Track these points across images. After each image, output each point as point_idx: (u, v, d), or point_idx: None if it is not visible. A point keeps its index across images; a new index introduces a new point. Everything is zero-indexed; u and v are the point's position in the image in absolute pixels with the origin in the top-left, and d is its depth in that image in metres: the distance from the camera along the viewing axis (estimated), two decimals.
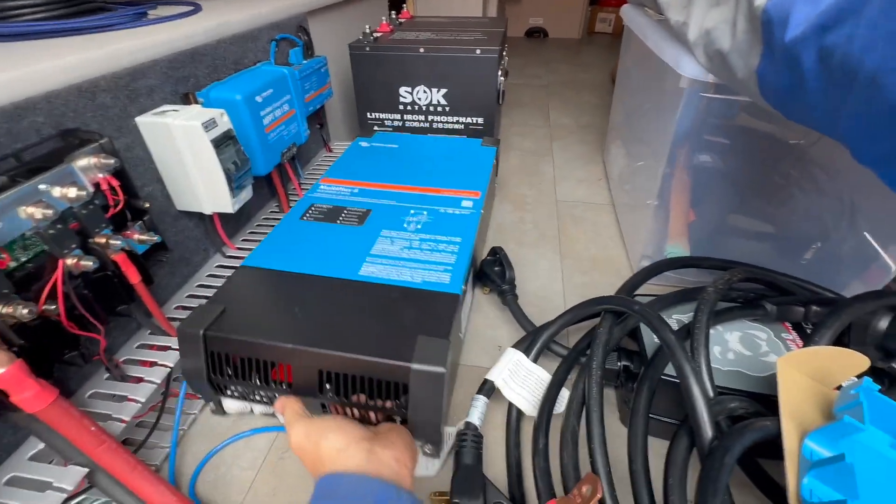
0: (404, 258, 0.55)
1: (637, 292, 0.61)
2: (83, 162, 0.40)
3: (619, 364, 0.50)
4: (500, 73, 0.90)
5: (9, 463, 0.39)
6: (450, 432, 0.50)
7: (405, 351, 0.41)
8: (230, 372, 0.45)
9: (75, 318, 0.40)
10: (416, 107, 0.95)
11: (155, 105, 0.52)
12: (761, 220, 0.73)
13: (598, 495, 0.33)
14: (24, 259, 0.37)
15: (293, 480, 0.48)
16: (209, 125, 0.50)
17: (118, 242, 0.42)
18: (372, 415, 0.44)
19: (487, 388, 0.51)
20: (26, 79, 0.39)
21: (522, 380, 0.52)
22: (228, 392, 0.47)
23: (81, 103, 0.44)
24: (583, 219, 0.91)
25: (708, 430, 0.35)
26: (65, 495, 0.37)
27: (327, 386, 0.44)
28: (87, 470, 0.39)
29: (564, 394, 0.50)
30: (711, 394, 0.38)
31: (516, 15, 2.53)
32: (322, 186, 0.71)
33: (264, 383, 0.45)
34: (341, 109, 1.12)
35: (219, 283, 0.60)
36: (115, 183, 0.43)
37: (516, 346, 0.55)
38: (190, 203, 0.56)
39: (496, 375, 0.51)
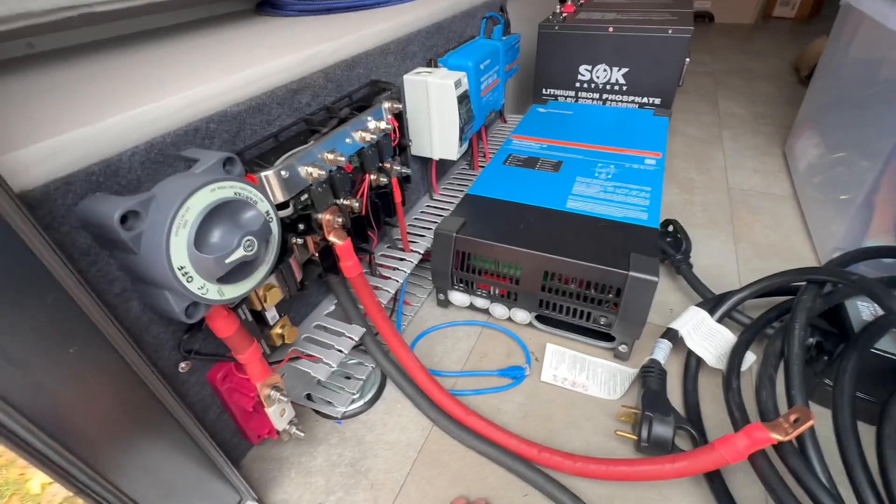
0: (602, 198, 0.65)
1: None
2: (386, 105, 0.53)
3: (812, 339, 0.51)
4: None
5: (314, 315, 0.56)
6: (633, 371, 0.56)
7: (622, 262, 0.52)
8: (469, 269, 0.61)
9: (366, 219, 0.54)
10: (594, 85, 1.00)
11: (416, 66, 0.65)
12: None
13: (811, 421, 0.37)
14: (354, 167, 0.51)
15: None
16: (457, 84, 0.62)
17: (398, 169, 0.55)
18: None
19: (671, 336, 0.56)
20: (357, 41, 0.53)
21: (706, 335, 0.56)
22: (458, 286, 0.63)
23: (380, 61, 0.57)
24: (760, 207, 0.88)
25: None
26: (352, 342, 0.52)
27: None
28: (364, 329, 0.53)
29: (749, 357, 0.53)
30: None
31: None
32: (514, 141, 0.82)
33: (495, 279, 0.59)
34: (512, 86, 1.21)
35: (429, 218, 0.73)
36: (395, 123, 0.57)
37: (700, 306, 0.59)
38: (423, 149, 0.69)
39: (680, 326, 0.56)
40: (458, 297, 0.66)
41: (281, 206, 0.41)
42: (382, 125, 0.51)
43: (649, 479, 0.42)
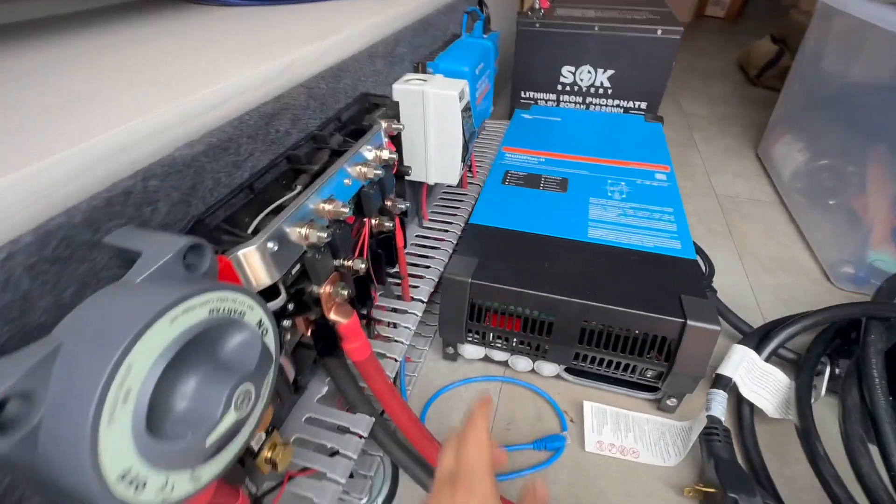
0: (624, 224, 0.58)
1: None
2: (384, 125, 0.41)
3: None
4: None
5: (302, 404, 0.42)
6: (684, 426, 0.49)
7: (673, 308, 0.45)
8: (485, 318, 0.51)
9: (368, 276, 0.41)
10: (577, 88, 0.92)
11: (404, 72, 0.53)
12: None
13: None
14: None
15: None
16: (462, 95, 0.50)
17: (402, 207, 0.43)
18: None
19: (723, 384, 0.49)
20: (343, 43, 0.40)
21: (759, 379, 0.50)
22: (472, 337, 0.53)
23: (367, 68, 0.45)
24: (750, 215, 0.86)
25: None
26: (362, 440, 0.39)
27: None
28: (373, 419, 0.41)
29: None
30: None
31: None
32: (507, 154, 0.73)
33: (522, 331, 0.50)
34: None
35: (421, 252, 0.61)
36: (393, 147, 0.44)
37: (743, 342, 0.53)
38: (418, 172, 0.57)
39: (732, 371, 0.50)
40: (471, 350, 0.55)
41: (268, 292, 0.28)
42: (385, 154, 0.39)
43: None
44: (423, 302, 0.53)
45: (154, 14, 0.47)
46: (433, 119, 0.52)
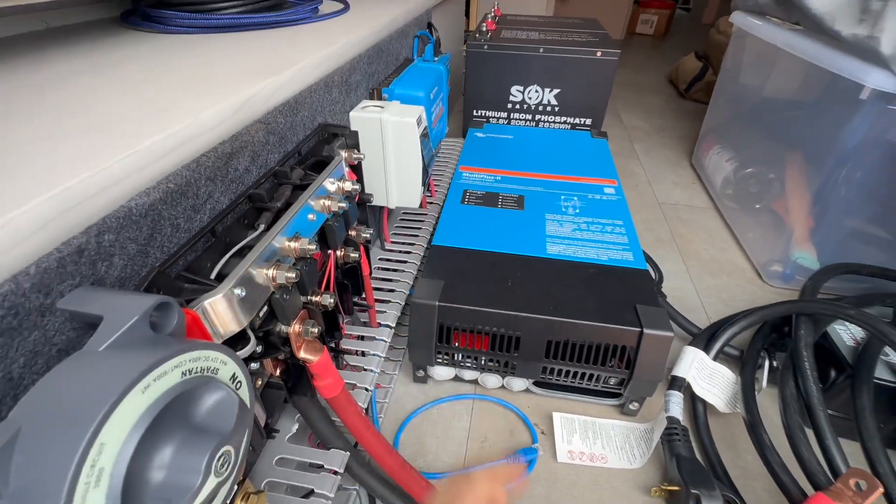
0: (580, 238, 0.61)
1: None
2: (345, 155, 0.41)
3: None
4: None
5: (273, 445, 0.41)
6: (647, 427, 0.52)
7: (630, 317, 0.48)
8: (453, 339, 0.51)
9: (337, 306, 0.41)
10: (525, 106, 0.96)
11: (361, 98, 0.53)
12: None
13: (880, 489, 0.35)
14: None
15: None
16: (420, 121, 0.51)
17: (366, 235, 0.43)
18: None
19: (678, 385, 0.52)
20: (301, 75, 0.40)
21: (709, 377, 0.53)
22: (441, 359, 0.54)
23: (324, 97, 0.45)
24: (690, 221, 0.93)
25: None
26: (338, 477, 0.39)
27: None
28: (347, 454, 0.40)
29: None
30: None
31: (561, 14, 2.53)
32: (464, 174, 0.74)
33: (490, 349, 0.51)
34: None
35: (385, 275, 0.61)
36: (354, 177, 0.45)
37: (693, 344, 0.57)
38: (377, 197, 0.57)
39: (685, 372, 0.53)
40: (441, 372, 0.55)
41: (236, 338, 0.27)
42: (347, 186, 0.39)
43: None
44: (390, 327, 0.52)
45: (91, 40, 0.45)
46: (392, 145, 0.52)
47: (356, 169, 0.46)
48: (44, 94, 0.32)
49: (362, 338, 0.52)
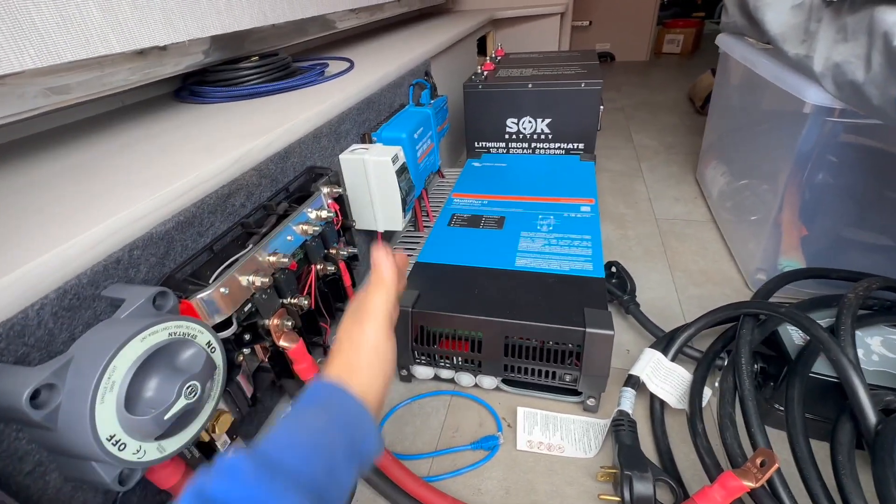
0: (548, 252, 0.67)
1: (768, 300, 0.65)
2: (325, 190, 0.52)
3: (756, 366, 0.55)
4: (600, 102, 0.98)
5: (270, 423, 0.51)
6: (606, 423, 0.56)
7: (578, 319, 0.54)
8: (428, 341, 0.59)
9: (318, 311, 0.51)
10: (521, 135, 1.05)
11: (349, 144, 0.65)
12: (877, 233, 0.74)
13: (776, 465, 0.38)
14: (299, 260, 0.49)
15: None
16: (395, 160, 0.62)
17: (344, 252, 0.54)
18: None
19: (633, 382, 0.57)
20: (290, 131, 0.52)
21: (664, 376, 0.58)
22: (420, 359, 0.62)
23: (313, 146, 0.57)
24: (685, 235, 0.96)
25: (872, 415, 0.40)
26: None
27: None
28: None
29: (706, 392, 0.56)
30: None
31: (584, 41, 2.62)
32: (456, 199, 0.83)
33: (460, 350, 0.59)
34: (445, 141, 1.24)
35: None
36: (336, 207, 0.56)
37: (653, 346, 0.61)
38: (368, 223, 0.68)
39: (640, 371, 0.58)
40: (422, 371, 0.64)
41: (223, 324, 0.38)
42: (324, 213, 0.50)
43: None
44: None
45: (151, 113, 0.60)
46: (374, 180, 0.63)
47: (339, 200, 0.57)
48: (112, 160, 0.45)
49: None
